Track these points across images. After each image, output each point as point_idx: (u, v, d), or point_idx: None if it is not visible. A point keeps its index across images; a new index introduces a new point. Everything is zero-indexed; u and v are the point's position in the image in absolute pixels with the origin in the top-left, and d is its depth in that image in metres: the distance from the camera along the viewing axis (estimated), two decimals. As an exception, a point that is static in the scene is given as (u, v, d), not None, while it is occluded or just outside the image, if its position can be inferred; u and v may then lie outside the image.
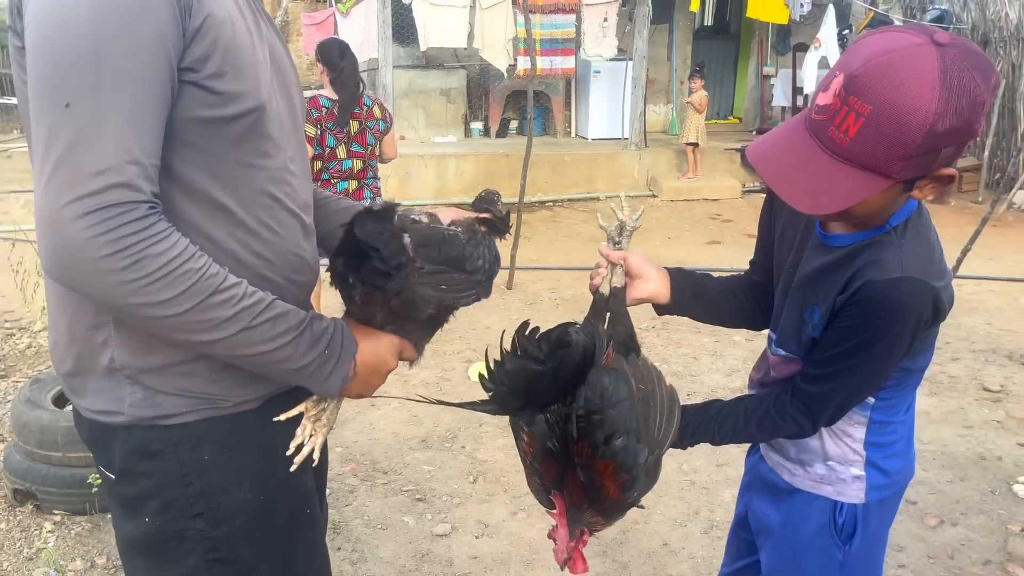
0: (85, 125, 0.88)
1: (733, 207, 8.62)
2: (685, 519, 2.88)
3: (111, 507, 1.19)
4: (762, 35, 11.27)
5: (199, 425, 1.08)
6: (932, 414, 3.70)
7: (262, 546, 1.14)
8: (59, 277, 0.93)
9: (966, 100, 1.02)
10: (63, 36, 0.88)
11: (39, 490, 2.75)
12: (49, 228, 0.89)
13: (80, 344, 1.06)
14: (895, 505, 1.43)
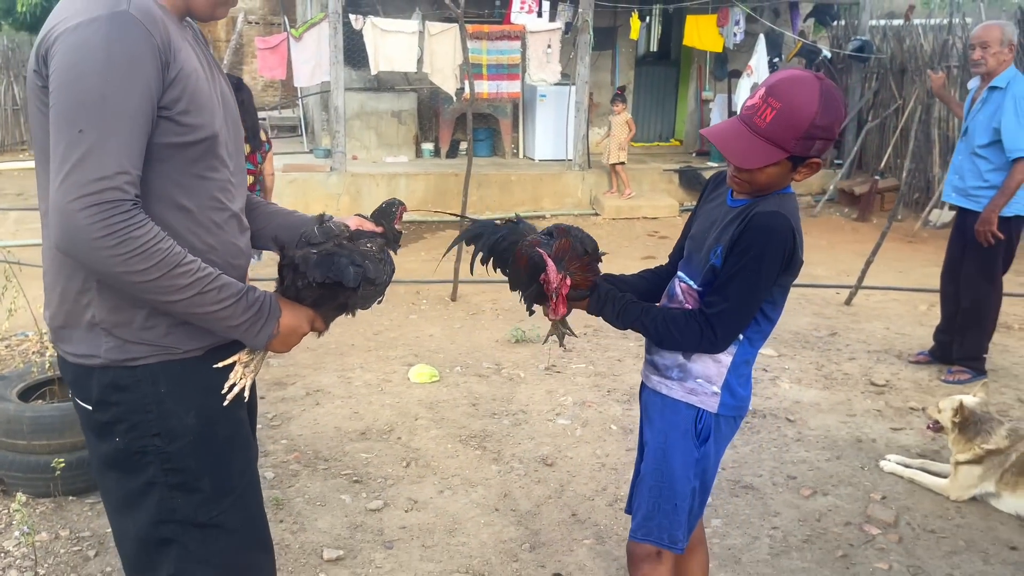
0: (92, 145, 1.27)
1: (671, 224, 9.08)
2: (593, 494, 3.24)
3: (86, 436, 1.54)
4: (700, 62, 11.86)
5: (157, 367, 1.46)
6: (822, 405, 4.14)
7: (204, 459, 1.51)
8: (67, 251, 1.31)
9: (832, 111, 1.70)
10: (80, 82, 1.28)
11: (5, 475, 3.02)
12: (61, 216, 1.27)
13: (69, 304, 1.44)
14: (735, 426, 2.02)
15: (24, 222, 8.43)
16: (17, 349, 4.78)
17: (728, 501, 3.19)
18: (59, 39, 1.30)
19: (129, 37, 1.30)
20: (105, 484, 1.56)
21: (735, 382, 1.91)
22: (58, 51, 1.30)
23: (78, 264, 1.37)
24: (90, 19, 1.29)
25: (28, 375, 3.33)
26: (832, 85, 1.72)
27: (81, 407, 1.51)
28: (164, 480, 1.49)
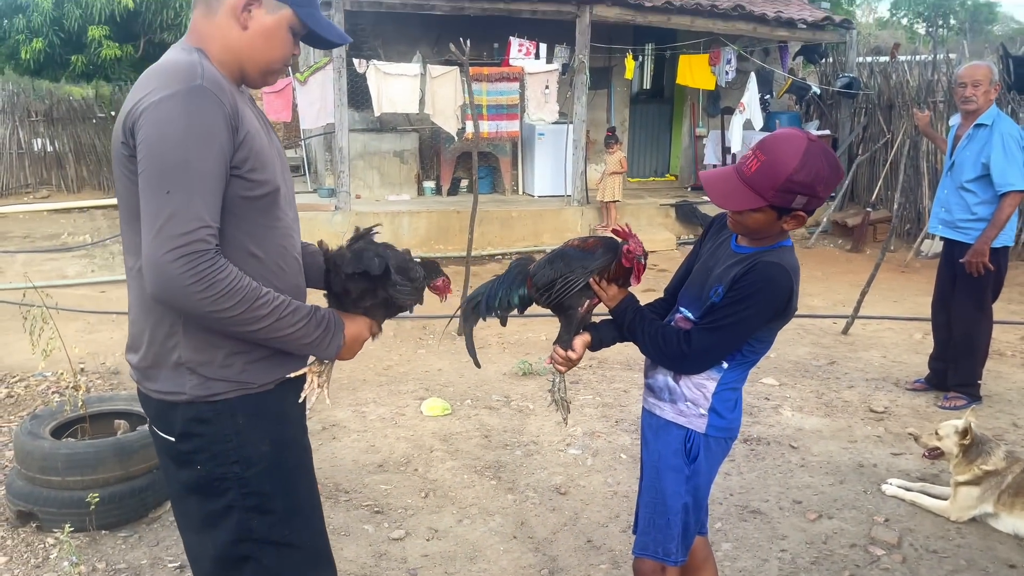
0: (178, 205, 1.45)
1: (668, 258, 9.26)
2: (607, 521, 3.36)
3: (164, 464, 1.70)
4: (693, 99, 12.16)
5: (235, 401, 1.62)
6: (824, 431, 4.27)
7: (277, 483, 1.67)
8: (162, 298, 1.47)
9: (813, 171, 1.85)
10: (165, 149, 1.46)
11: (40, 511, 3.12)
12: (155, 268, 1.45)
13: (157, 347, 1.60)
14: (726, 447, 2.18)
15: (32, 264, 8.58)
16: (36, 390, 4.89)
17: (737, 526, 3.31)
18: (144, 113, 1.48)
19: (204, 108, 1.48)
20: (184, 507, 1.71)
21: (720, 406, 2.08)
22: (144, 123, 1.47)
23: (170, 310, 1.53)
24: (171, 93, 1.47)
25: (60, 413, 3.46)
26: (823, 147, 1.87)
27: (163, 439, 1.66)
28: (242, 503, 1.65)
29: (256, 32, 1.63)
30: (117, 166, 1.57)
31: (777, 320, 2.01)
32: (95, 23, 13.83)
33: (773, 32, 10.40)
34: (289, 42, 1.68)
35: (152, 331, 1.61)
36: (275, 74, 1.73)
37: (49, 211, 12.64)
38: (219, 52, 1.62)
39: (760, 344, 2.07)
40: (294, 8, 1.65)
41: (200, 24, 1.63)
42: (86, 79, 15.96)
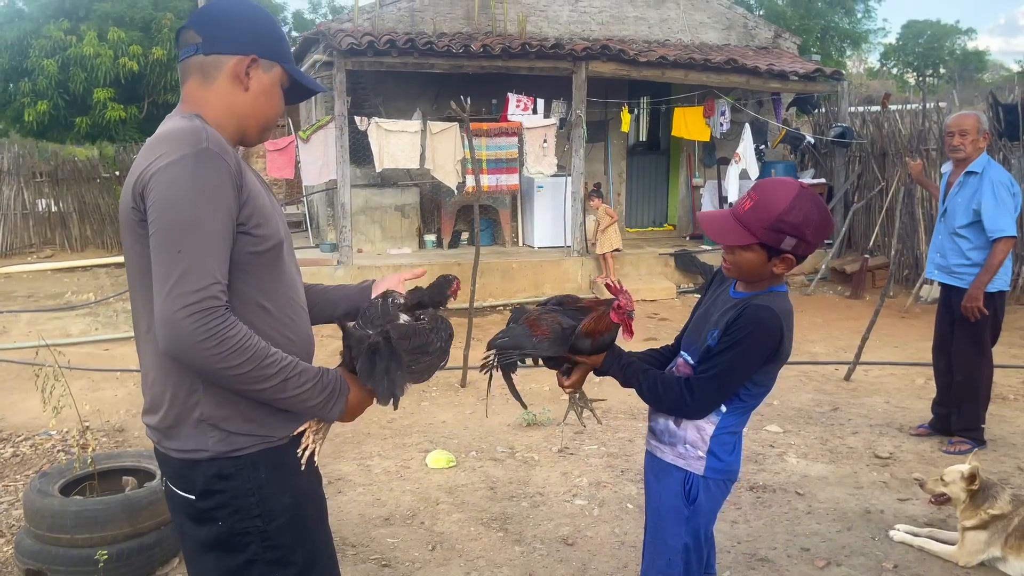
0: (189, 263, 1.49)
1: (669, 306, 9.33)
2: (615, 571, 3.35)
3: (180, 522, 1.72)
4: (689, 150, 12.37)
5: (257, 455, 1.65)
6: (829, 478, 4.27)
7: (298, 535, 1.69)
8: (174, 354, 1.50)
9: (803, 214, 1.98)
10: (175, 211, 1.51)
11: (50, 569, 3.12)
12: (168, 325, 1.48)
13: (179, 406, 1.63)
14: (726, 489, 2.24)
15: (36, 323, 8.63)
16: (42, 448, 4.90)
17: (745, 574, 3.30)
18: (153, 177, 1.53)
19: (211, 169, 1.54)
20: (202, 565, 1.73)
21: (718, 449, 2.15)
22: (154, 187, 1.52)
23: (184, 366, 1.56)
24: (179, 157, 1.52)
25: (69, 471, 3.47)
26: (814, 195, 2.02)
27: (183, 497, 1.67)
28: (264, 556, 1.66)
29: (258, 92, 1.71)
30: (127, 231, 1.62)
31: (771, 363, 2.08)
32: (100, 85, 14.16)
33: (766, 84, 10.64)
34: (281, 97, 1.77)
35: (173, 390, 1.63)
36: (270, 130, 1.82)
37: (53, 270, 12.74)
38: (218, 116, 1.68)
39: (757, 388, 2.14)
40: (282, 65, 1.75)
41: (195, 93, 1.69)
42: (90, 140, 16.25)
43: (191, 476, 1.65)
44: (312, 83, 1.84)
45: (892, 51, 31.32)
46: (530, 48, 9.49)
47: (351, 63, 8.98)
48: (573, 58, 9.67)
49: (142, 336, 1.68)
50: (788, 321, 2.05)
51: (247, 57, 1.68)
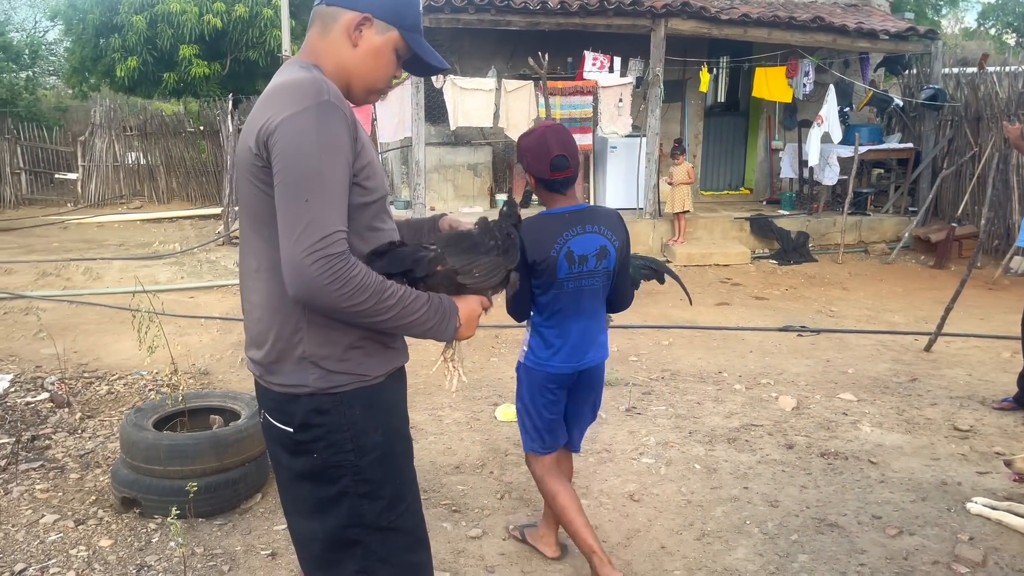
0: (316, 212, 1.56)
1: (743, 272, 9.18)
2: (681, 529, 3.38)
3: (276, 453, 1.82)
4: (769, 112, 12.02)
5: (353, 393, 1.73)
6: (905, 448, 4.19)
7: (386, 471, 1.78)
8: (302, 297, 1.58)
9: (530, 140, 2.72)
10: (302, 161, 1.57)
11: (143, 498, 3.33)
12: (297, 270, 1.55)
13: (283, 343, 1.71)
14: (541, 377, 2.84)
15: (126, 270, 9.04)
16: (134, 387, 5.18)
17: (813, 538, 3.28)
18: (279, 127, 1.58)
19: (332, 121, 1.58)
20: (295, 493, 1.82)
21: (534, 343, 2.84)
22: (280, 137, 1.58)
23: (306, 308, 1.66)
24: (303, 108, 1.58)
25: (161, 408, 3.67)
26: (543, 131, 2.74)
27: (280, 429, 1.76)
28: (354, 490, 1.75)
29: (366, 51, 1.74)
30: (244, 176, 1.68)
31: (533, 275, 2.70)
32: (186, 42, 14.52)
33: (854, 43, 10.22)
34: (393, 63, 1.78)
35: (279, 328, 1.71)
36: (377, 93, 1.83)
37: (142, 221, 13.30)
38: (331, 68, 1.73)
39: (541, 297, 2.76)
40: (401, 31, 1.76)
41: (315, 41, 1.75)
42: (176, 96, 16.74)
43: (290, 410, 1.73)
44: (434, 58, 1.83)
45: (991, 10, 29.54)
46: (608, 5, 9.32)
47: (428, 20, 8.98)
48: (652, 15, 9.46)
49: (251, 275, 1.75)
50: (532, 235, 2.60)
51: (361, 15, 1.72)
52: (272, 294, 1.68)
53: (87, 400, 4.93)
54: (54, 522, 3.34)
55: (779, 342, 6.29)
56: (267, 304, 1.72)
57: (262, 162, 1.63)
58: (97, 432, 4.39)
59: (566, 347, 2.77)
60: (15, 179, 14.89)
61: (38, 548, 3.14)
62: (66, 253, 10.16)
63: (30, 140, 15.10)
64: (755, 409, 4.76)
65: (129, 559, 3.05)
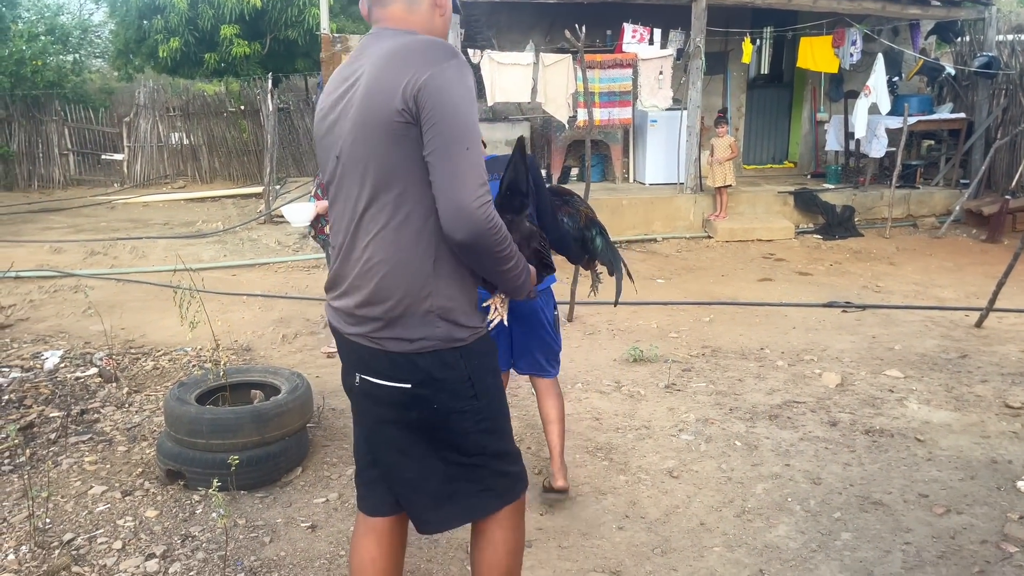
0: (473, 159, 1.70)
1: (786, 247, 9.01)
2: (720, 506, 3.34)
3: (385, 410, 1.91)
4: (815, 83, 11.71)
5: (470, 344, 1.88)
6: (953, 426, 4.08)
7: (499, 407, 2.01)
8: (468, 241, 1.71)
9: None
10: (458, 112, 1.70)
11: (187, 470, 3.39)
12: (465, 214, 1.68)
13: (411, 298, 1.80)
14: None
15: (171, 248, 9.20)
16: (179, 363, 5.28)
17: (857, 516, 3.22)
18: (427, 82, 1.68)
19: (469, 76, 1.74)
20: (410, 441, 1.93)
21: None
22: (432, 91, 1.67)
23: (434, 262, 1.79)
24: (449, 65, 1.71)
25: (204, 382, 3.73)
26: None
27: (392, 388, 1.85)
28: (477, 428, 1.93)
29: (447, 17, 1.94)
30: (382, 135, 1.72)
31: None
32: (227, 22, 14.62)
33: (904, 10, 9.89)
34: None
35: (408, 283, 1.79)
36: None
37: (185, 200, 13.51)
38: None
39: None
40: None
41: (399, 15, 1.87)
42: (217, 76, 16.89)
43: (410, 366, 1.82)
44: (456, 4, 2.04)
45: (1050, -27, 28.48)
46: (648, -25, 9.14)
47: (465, -6, 8.92)
48: (693, -15, 9.25)
49: (377, 232, 1.79)
50: None
51: None
52: (403, 248, 1.77)
53: (134, 375, 5.04)
54: (102, 493, 3.42)
55: (823, 318, 6.17)
56: (396, 259, 1.78)
57: (406, 118, 1.70)
58: (144, 406, 4.49)
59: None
60: (63, 160, 15.21)
61: (86, 518, 3.22)
62: (113, 232, 10.38)
63: (77, 122, 15.39)
64: (798, 386, 4.68)
65: (174, 529, 3.11)
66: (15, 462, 3.72)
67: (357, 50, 1.88)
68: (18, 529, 3.11)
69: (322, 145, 1.94)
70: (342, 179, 1.86)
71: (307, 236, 8.89)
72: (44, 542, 3.01)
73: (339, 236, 1.90)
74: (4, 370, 5.01)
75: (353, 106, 1.78)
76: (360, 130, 1.76)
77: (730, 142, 9.26)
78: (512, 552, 2.10)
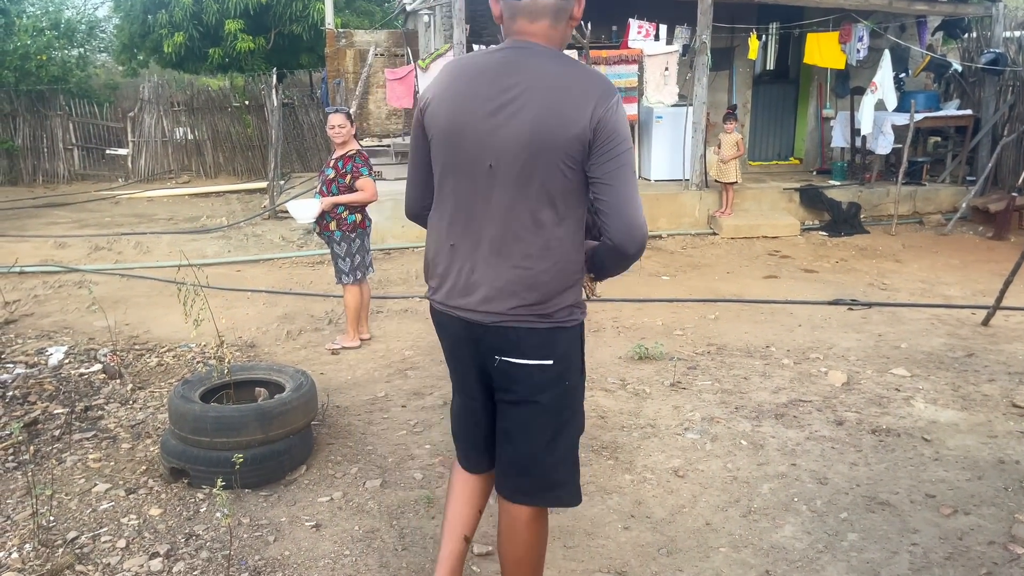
0: (636, 184, 2.00)
1: (792, 244, 8.98)
2: (726, 506, 3.32)
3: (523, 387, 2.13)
4: (821, 79, 11.66)
5: (582, 325, 2.18)
6: (960, 425, 4.06)
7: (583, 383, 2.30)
8: (634, 250, 2.01)
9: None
10: (627, 143, 1.99)
11: (191, 468, 3.38)
12: (638, 228, 1.98)
13: (560, 289, 2.06)
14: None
15: (175, 244, 9.20)
16: (183, 359, 5.27)
17: (864, 516, 3.20)
18: (606, 115, 1.93)
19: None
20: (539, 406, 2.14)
21: None
22: (608, 123, 1.93)
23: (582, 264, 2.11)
24: (616, 100, 1.97)
25: (208, 380, 3.72)
26: None
27: (535, 365, 2.09)
28: (576, 389, 2.21)
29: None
30: (556, 153, 1.93)
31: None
32: (231, 17, 14.60)
33: (911, 6, 9.84)
34: None
35: (565, 279, 2.06)
36: None
37: (189, 195, 13.52)
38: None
39: None
40: None
41: (546, 29, 2.01)
42: (222, 71, 16.89)
43: (550, 344, 2.09)
44: None
45: (1059, -32, 28.34)
46: (654, -29, 9.10)
47: (470, -11, 8.88)
48: (699, -20, 9.21)
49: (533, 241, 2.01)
50: None
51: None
52: (565, 252, 2.03)
53: (138, 372, 5.03)
54: (106, 491, 3.42)
55: (829, 316, 6.14)
56: (558, 258, 2.03)
57: (583, 144, 1.93)
58: (148, 403, 4.48)
59: None
60: (68, 155, 15.23)
61: (90, 516, 3.22)
62: (117, 227, 10.38)
63: (82, 116, 15.40)
64: (803, 384, 4.66)
65: (178, 528, 3.11)
66: (19, 459, 3.72)
67: (504, 62, 1.98)
68: (22, 527, 3.11)
69: (453, 141, 2.04)
70: (490, 181, 2.00)
71: (311, 232, 8.88)
72: (48, 540, 3.00)
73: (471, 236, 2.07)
74: (8, 366, 5.01)
75: (521, 123, 1.93)
76: (532, 148, 1.93)
77: (737, 139, 9.21)
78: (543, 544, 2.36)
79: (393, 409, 4.39)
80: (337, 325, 5.99)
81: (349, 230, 5.30)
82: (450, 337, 2.23)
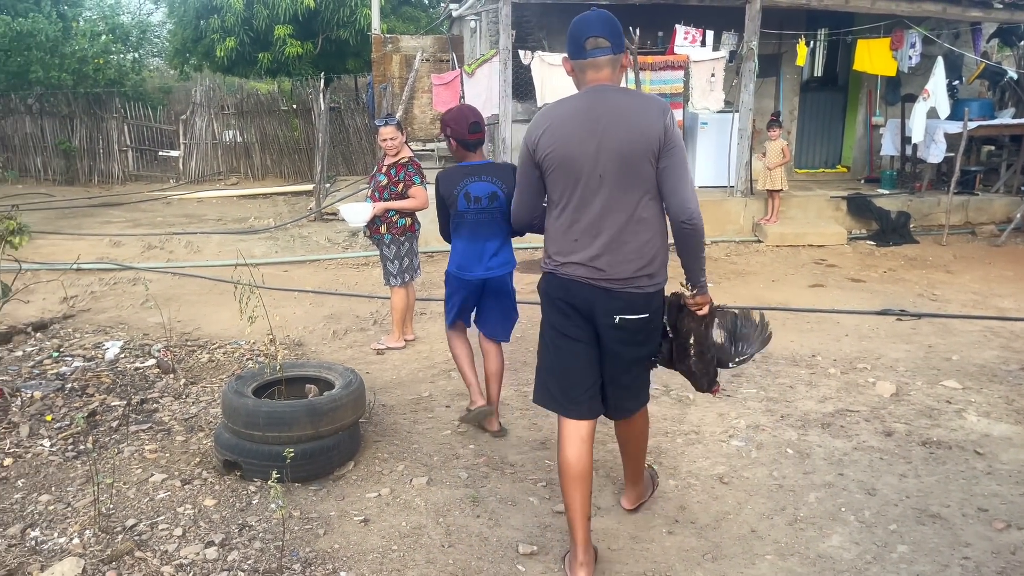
0: (689, 173, 2.70)
1: (838, 253, 8.86)
2: (772, 513, 3.31)
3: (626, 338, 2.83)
4: (870, 86, 11.49)
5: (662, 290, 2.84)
6: (1014, 440, 3.98)
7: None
8: (700, 231, 2.68)
9: (451, 114, 3.92)
10: (682, 145, 2.70)
11: (244, 461, 3.47)
12: (688, 205, 2.64)
13: (659, 259, 2.78)
14: (452, 278, 4.00)
15: (224, 244, 9.40)
16: (233, 356, 5.39)
17: (914, 529, 3.16)
18: (667, 126, 2.62)
19: None
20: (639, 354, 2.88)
21: (452, 254, 3.99)
22: (670, 132, 2.63)
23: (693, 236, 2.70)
24: (670, 114, 2.66)
25: (260, 376, 3.81)
26: (469, 106, 4.02)
27: (637, 320, 2.77)
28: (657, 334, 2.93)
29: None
30: (643, 159, 2.63)
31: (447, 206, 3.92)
32: (281, 22, 14.88)
33: (965, 12, 9.65)
34: None
35: (660, 248, 2.76)
36: None
37: (238, 196, 13.79)
38: None
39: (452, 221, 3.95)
40: None
41: (609, 75, 2.70)
42: (271, 75, 17.22)
43: (649, 303, 2.77)
44: None
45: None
46: (702, -23, 9.06)
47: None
48: (748, -14, 9.15)
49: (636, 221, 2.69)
50: (445, 178, 3.89)
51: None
52: (658, 230, 2.74)
53: (190, 367, 5.16)
54: (162, 481, 3.52)
55: (877, 326, 6.05)
56: (656, 233, 2.74)
57: (656, 149, 2.62)
58: (200, 397, 4.60)
59: (467, 260, 3.89)
60: (122, 156, 15.64)
61: (148, 505, 3.32)
62: (169, 227, 10.64)
63: (136, 119, 15.80)
64: (851, 394, 4.60)
65: (231, 519, 3.19)
66: (78, 448, 3.85)
67: (590, 102, 2.67)
68: (82, 514, 3.22)
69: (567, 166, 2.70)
70: (600, 187, 2.67)
71: (357, 234, 9.01)
72: (108, 527, 3.11)
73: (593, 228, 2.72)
74: (68, 359, 5.17)
75: (614, 142, 2.62)
76: (627, 159, 2.62)
77: (782, 146, 9.12)
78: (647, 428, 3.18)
79: (437, 409, 4.44)
80: (382, 325, 6.07)
81: (399, 233, 5.38)
82: (572, 299, 2.79)
